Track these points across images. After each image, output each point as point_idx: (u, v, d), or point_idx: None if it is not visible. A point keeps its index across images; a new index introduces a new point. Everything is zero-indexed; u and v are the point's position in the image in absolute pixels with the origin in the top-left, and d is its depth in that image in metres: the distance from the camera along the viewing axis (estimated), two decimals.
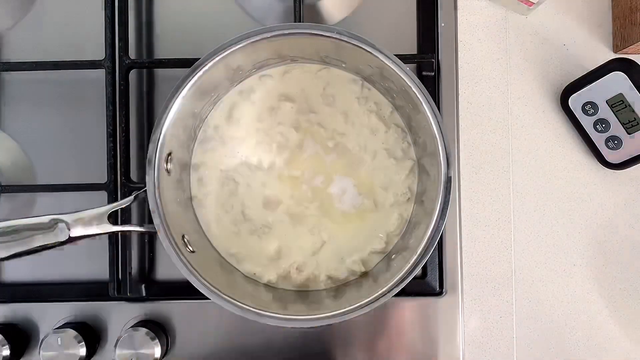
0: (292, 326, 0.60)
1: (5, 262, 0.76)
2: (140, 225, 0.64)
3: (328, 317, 0.59)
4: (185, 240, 0.63)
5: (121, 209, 0.68)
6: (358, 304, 0.59)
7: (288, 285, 0.69)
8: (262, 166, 0.69)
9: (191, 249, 0.63)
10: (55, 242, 0.60)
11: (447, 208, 0.60)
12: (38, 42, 0.77)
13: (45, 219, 0.60)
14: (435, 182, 0.61)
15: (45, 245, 0.60)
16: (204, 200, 0.69)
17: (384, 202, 0.69)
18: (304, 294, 0.69)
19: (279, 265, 0.69)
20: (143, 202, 0.65)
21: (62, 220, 0.60)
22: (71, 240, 0.60)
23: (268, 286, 0.69)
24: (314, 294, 0.68)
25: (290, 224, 0.68)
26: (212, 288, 0.59)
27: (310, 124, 0.69)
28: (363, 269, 0.69)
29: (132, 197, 0.63)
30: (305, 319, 0.60)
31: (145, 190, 0.61)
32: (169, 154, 0.63)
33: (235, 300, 0.60)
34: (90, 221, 0.60)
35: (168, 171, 0.63)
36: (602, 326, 0.77)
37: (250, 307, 0.60)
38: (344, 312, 0.59)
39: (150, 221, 0.61)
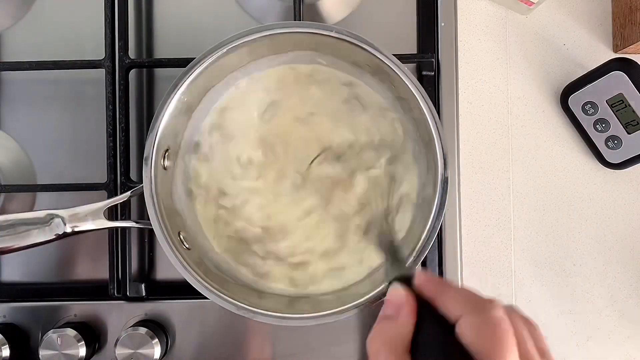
0: (290, 325, 0.60)
1: (5, 262, 0.76)
2: (137, 221, 0.64)
3: (327, 316, 0.59)
4: (182, 237, 0.63)
5: (120, 207, 0.69)
6: (356, 303, 0.59)
7: (287, 284, 0.69)
8: (261, 166, 0.69)
9: (187, 245, 0.63)
10: (51, 237, 0.60)
11: (444, 208, 0.60)
12: (38, 42, 0.77)
13: (41, 213, 0.60)
14: (433, 183, 0.61)
15: (41, 240, 0.60)
16: (201, 197, 0.69)
17: None
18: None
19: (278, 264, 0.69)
20: (143, 200, 0.65)
21: (58, 216, 0.60)
22: (67, 235, 0.60)
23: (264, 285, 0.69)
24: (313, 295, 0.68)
25: (289, 223, 0.68)
26: (207, 285, 0.59)
27: (308, 123, 0.69)
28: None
29: (128, 193, 0.63)
30: (303, 317, 0.60)
31: (142, 186, 0.61)
32: (166, 151, 0.63)
33: (232, 298, 0.60)
34: (85, 216, 0.60)
35: (165, 168, 0.63)
36: (602, 326, 0.77)
37: (247, 305, 0.59)
38: (342, 310, 0.59)
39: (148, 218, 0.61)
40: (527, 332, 0.43)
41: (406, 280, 0.47)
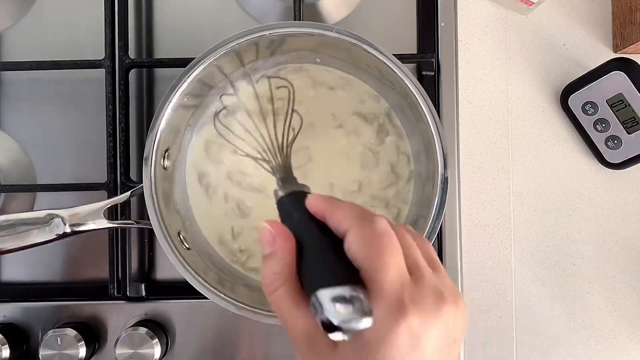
0: None
1: (5, 262, 0.76)
2: (137, 221, 0.64)
3: None
4: (182, 237, 0.63)
5: (120, 207, 0.69)
6: None
7: None
8: (261, 164, 0.69)
9: (187, 245, 0.63)
10: (51, 237, 0.60)
11: (444, 208, 0.60)
12: (38, 42, 0.77)
13: (41, 213, 0.60)
14: (432, 182, 0.61)
15: (41, 240, 0.60)
16: (201, 197, 0.69)
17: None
18: None
19: None
20: (143, 200, 0.65)
21: (57, 215, 0.60)
22: (67, 235, 0.60)
23: None
24: None
25: None
26: (207, 285, 0.59)
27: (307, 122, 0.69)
28: None
29: (128, 194, 0.63)
30: None
31: (142, 186, 0.61)
32: (166, 150, 0.63)
33: (232, 298, 0.60)
34: (85, 216, 0.60)
35: (165, 168, 0.63)
36: (602, 326, 0.77)
37: (247, 305, 0.59)
38: None
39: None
40: (415, 244, 0.44)
41: (296, 195, 0.49)
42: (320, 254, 0.43)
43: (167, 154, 0.63)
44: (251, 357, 0.73)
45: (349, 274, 0.40)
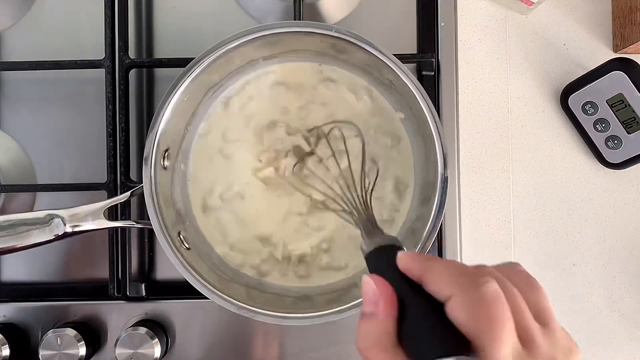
0: (290, 324, 0.60)
1: (5, 262, 0.76)
2: (137, 221, 0.64)
3: (325, 315, 0.59)
4: (182, 237, 0.63)
5: (120, 207, 0.69)
6: (356, 302, 0.59)
7: (285, 278, 0.69)
8: (261, 163, 0.69)
9: (187, 245, 0.63)
10: (51, 237, 0.60)
11: (444, 208, 0.60)
12: (38, 42, 0.77)
13: (41, 214, 0.60)
14: (432, 182, 0.61)
15: (41, 240, 0.60)
16: (201, 196, 0.69)
17: None
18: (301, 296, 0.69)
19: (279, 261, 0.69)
20: (143, 200, 0.65)
21: (57, 216, 0.60)
22: (67, 235, 0.60)
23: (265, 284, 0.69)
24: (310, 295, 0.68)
25: (288, 221, 0.68)
26: (207, 285, 0.60)
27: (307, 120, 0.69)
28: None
29: (128, 194, 0.63)
30: (303, 317, 0.60)
31: (142, 186, 0.61)
32: (166, 150, 0.63)
33: (232, 298, 0.60)
34: (85, 217, 0.60)
35: (165, 167, 0.63)
36: (602, 326, 0.77)
37: (247, 305, 0.59)
38: (340, 310, 0.59)
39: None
40: (524, 299, 0.39)
41: (385, 250, 0.46)
42: (423, 319, 0.39)
43: (167, 154, 0.63)
44: (251, 357, 0.73)
45: (455, 341, 0.37)
